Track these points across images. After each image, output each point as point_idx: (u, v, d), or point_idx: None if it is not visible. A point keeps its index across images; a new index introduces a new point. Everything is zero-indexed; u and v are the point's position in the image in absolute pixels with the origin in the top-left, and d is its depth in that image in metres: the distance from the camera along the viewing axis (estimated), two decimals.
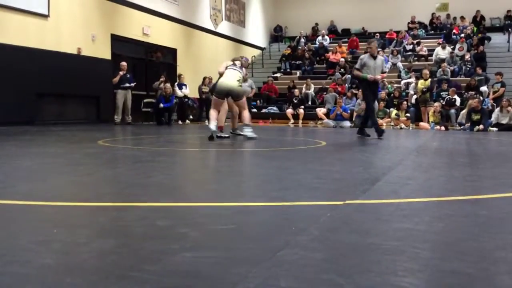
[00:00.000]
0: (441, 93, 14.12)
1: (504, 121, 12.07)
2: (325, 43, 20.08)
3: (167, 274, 1.47)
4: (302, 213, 2.39)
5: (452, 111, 13.35)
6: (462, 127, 12.42)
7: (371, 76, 7.98)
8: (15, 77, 10.38)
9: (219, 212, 2.43)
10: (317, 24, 22.48)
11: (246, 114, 7.49)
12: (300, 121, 14.91)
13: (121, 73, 12.51)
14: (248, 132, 7.38)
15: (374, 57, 8.12)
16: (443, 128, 12.38)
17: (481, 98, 13.34)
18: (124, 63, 12.76)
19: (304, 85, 16.45)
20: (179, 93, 14.10)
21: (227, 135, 7.65)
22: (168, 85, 13.24)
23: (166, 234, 1.94)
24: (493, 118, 12.35)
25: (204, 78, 14.82)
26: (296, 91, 15.49)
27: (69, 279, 1.44)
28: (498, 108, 12.43)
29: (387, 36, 19.94)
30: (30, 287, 1.36)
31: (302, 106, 15.18)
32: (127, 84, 12.61)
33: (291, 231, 2.00)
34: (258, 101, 16.62)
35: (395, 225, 2.15)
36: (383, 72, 8.48)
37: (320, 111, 14.51)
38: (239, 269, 1.52)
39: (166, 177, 3.60)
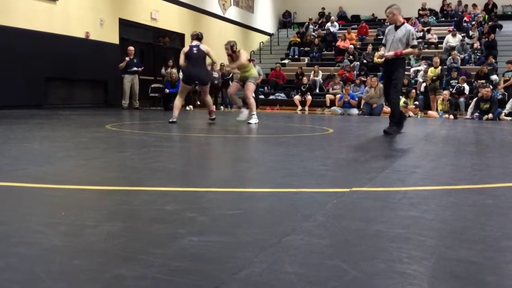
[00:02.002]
0: (451, 81, 13.99)
1: None
2: (334, 29, 19.90)
3: (174, 258, 1.48)
4: (308, 200, 2.40)
5: (461, 99, 13.24)
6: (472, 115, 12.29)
7: (381, 52, 6.59)
8: (23, 61, 10.40)
9: (226, 198, 2.44)
10: (323, 8, 22.18)
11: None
12: (307, 108, 14.87)
13: (127, 58, 12.49)
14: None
15: (396, 27, 6.39)
16: (451, 116, 12.29)
17: (491, 86, 13.21)
18: (131, 48, 12.73)
19: (312, 71, 16.36)
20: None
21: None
22: (174, 70, 13.21)
23: (173, 219, 1.95)
24: (507, 108, 12.21)
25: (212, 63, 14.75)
26: (305, 79, 15.42)
27: (77, 261, 1.46)
28: None
29: None
30: (39, 269, 1.38)
31: (309, 94, 15.13)
32: (135, 68, 12.60)
33: (297, 217, 2.00)
34: (265, 88, 16.56)
35: (401, 213, 2.15)
36: (410, 47, 6.25)
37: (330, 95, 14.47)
38: (245, 254, 1.53)
39: (173, 162, 3.61)
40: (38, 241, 1.63)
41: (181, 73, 9.43)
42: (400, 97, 13.57)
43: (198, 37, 7.57)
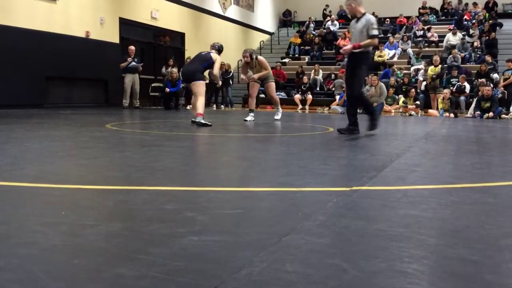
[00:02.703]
0: (451, 80, 13.98)
1: None
2: (335, 28, 19.88)
3: (174, 257, 1.48)
4: (308, 199, 2.40)
5: (462, 98, 13.23)
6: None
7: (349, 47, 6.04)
8: (23, 60, 10.40)
9: (226, 197, 2.44)
10: (327, 5, 22.13)
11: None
12: (307, 107, 14.86)
13: (129, 59, 12.48)
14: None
15: (358, 20, 5.96)
16: (452, 115, 12.28)
17: (491, 85, 13.20)
18: (132, 47, 12.73)
19: (313, 70, 16.35)
20: None
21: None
22: (175, 69, 13.21)
23: (173, 218, 1.95)
24: None
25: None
26: (305, 78, 15.41)
27: (76, 261, 1.46)
28: None
29: (398, 22, 19.71)
30: (38, 268, 1.38)
31: (309, 93, 15.12)
32: (133, 63, 12.49)
33: (297, 216, 2.00)
34: None
35: (401, 211, 2.14)
36: (368, 37, 5.81)
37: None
38: (245, 253, 1.53)
39: (173, 162, 3.61)
40: (38, 240, 1.63)
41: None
42: (401, 95, 13.68)
43: (214, 47, 7.61)
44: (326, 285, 1.30)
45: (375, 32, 5.89)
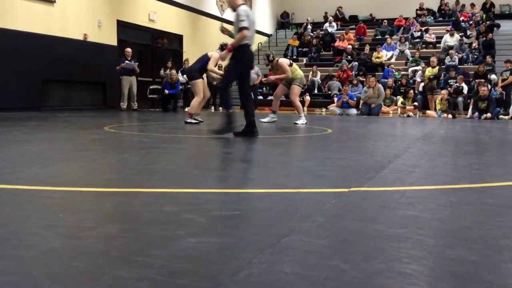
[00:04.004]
0: (449, 81, 14.00)
1: None
2: (332, 30, 19.91)
3: (172, 259, 1.48)
4: (307, 200, 2.40)
5: (460, 99, 13.26)
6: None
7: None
8: (21, 63, 10.39)
9: (225, 199, 2.44)
10: (326, 13, 22.13)
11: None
12: (306, 108, 14.87)
13: (126, 62, 12.45)
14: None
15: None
16: (450, 116, 12.30)
17: (489, 86, 13.22)
18: (129, 50, 12.72)
19: (311, 72, 16.37)
20: (182, 79, 14.03)
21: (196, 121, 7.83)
22: (174, 71, 13.22)
23: (171, 220, 1.95)
24: (511, 107, 12.20)
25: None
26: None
27: (75, 263, 1.45)
28: None
29: (395, 23, 19.74)
30: (37, 271, 1.38)
31: (307, 94, 15.13)
32: (128, 62, 12.40)
33: (296, 217, 2.00)
34: (264, 88, 16.56)
35: (400, 212, 2.15)
36: (238, 30, 5.69)
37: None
38: (244, 255, 1.53)
39: (171, 164, 3.61)
40: (36, 243, 1.63)
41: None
42: (399, 96, 13.70)
43: (221, 46, 7.82)
44: (325, 286, 1.30)
45: (242, 24, 5.66)
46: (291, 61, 8.90)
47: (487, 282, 1.36)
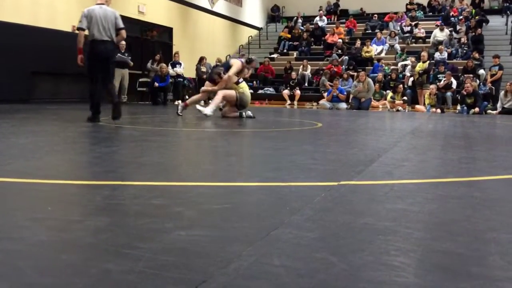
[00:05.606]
0: (438, 76, 14.08)
1: (507, 104, 11.98)
2: (323, 24, 19.90)
3: (162, 252, 1.48)
4: (296, 193, 2.40)
5: (448, 93, 13.34)
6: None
7: None
8: (9, 55, 10.25)
9: (214, 192, 2.43)
10: (321, 7, 22.09)
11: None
12: (296, 102, 14.89)
13: (119, 54, 12.31)
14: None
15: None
16: (438, 110, 12.39)
17: (478, 81, 13.31)
18: (122, 42, 12.56)
19: (301, 66, 16.37)
20: (171, 71, 13.94)
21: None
22: (164, 64, 13.13)
23: (160, 213, 1.94)
24: (499, 103, 12.29)
25: (202, 58, 14.70)
26: (293, 74, 15.43)
27: (63, 256, 1.45)
28: (503, 92, 12.33)
29: (386, 19, 19.72)
30: (24, 264, 1.37)
31: (298, 88, 15.14)
32: (120, 55, 12.27)
33: (285, 210, 2.01)
34: (254, 82, 16.53)
35: (388, 205, 2.16)
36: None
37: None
38: (233, 248, 1.53)
39: (161, 157, 3.60)
40: (24, 236, 1.62)
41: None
42: (388, 91, 13.75)
43: (243, 55, 7.99)
44: (313, 279, 1.31)
45: (79, 24, 6.81)
46: (242, 79, 8.10)
47: (474, 274, 1.38)
